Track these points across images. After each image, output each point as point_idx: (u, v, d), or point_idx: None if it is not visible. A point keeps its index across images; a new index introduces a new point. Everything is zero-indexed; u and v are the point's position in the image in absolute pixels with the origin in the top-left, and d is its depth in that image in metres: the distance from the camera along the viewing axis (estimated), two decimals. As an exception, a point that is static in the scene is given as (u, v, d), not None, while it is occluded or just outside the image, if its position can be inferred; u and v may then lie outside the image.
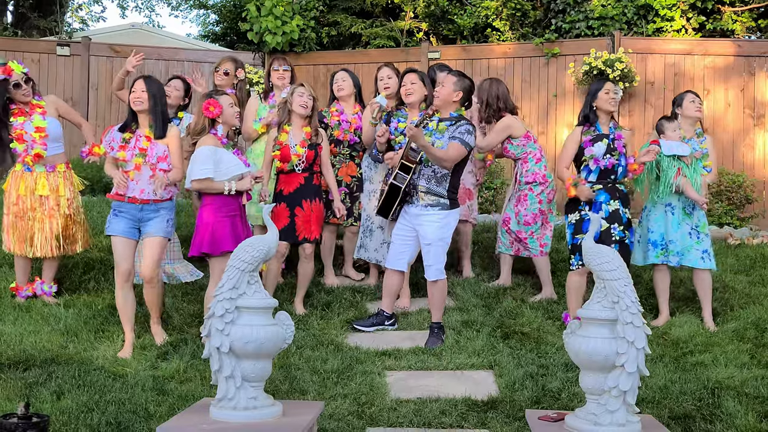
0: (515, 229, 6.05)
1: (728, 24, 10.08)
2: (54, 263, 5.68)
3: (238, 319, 3.37)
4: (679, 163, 5.40)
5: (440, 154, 4.97)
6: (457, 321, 5.42)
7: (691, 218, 5.45)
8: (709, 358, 4.80)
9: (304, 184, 5.53)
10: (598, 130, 5.31)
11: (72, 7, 16.21)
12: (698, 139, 5.63)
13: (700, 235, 5.44)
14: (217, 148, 4.90)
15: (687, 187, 5.37)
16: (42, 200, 5.50)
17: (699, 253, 5.41)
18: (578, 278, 5.26)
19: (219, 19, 17.62)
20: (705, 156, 5.58)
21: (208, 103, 4.89)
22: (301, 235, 5.50)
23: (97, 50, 10.57)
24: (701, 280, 5.48)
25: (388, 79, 6.10)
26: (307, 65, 10.60)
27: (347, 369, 4.62)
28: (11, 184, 5.55)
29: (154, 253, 4.91)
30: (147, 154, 4.87)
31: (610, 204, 5.19)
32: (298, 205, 5.48)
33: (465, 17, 11.11)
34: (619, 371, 3.18)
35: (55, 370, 4.46)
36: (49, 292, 5.61)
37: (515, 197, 6.11)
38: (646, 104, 9.58)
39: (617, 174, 5.27)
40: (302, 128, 5.55)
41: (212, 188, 4.89)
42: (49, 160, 5.54)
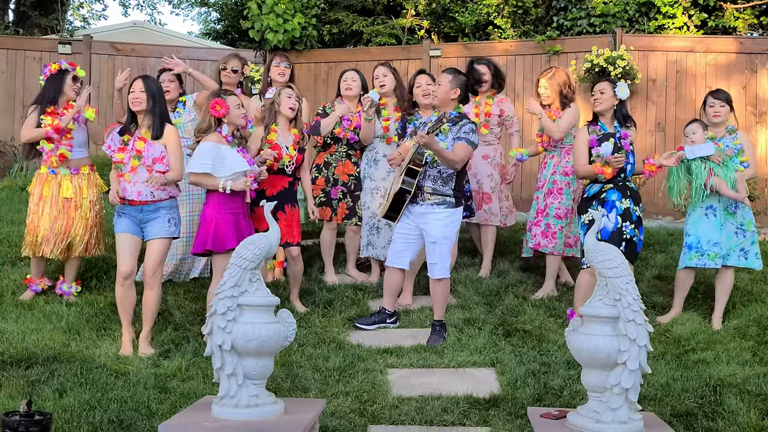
0: (545, 222, 5.94)
1: (730, 21, 10.05)
2: (75, 263, 5.69)
3: (240, 317, 3.37)
4: (710, 164, 5.34)
5: (451, 156, 4.98)
6: (459, 318, 5.42)
7: (735, 217, 5.40)
8: (711, 355, 4.80)
9: (287, 188, 5.57)
10: (604, 129, 5.29)
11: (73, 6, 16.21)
12: (730, 136, 5.54)
13: (747, 233, 5.40)
14: (220, 145, 4.91)
15: (721, 187, 5.29)
16: (65, 202, 5.52)
17: (737, 253, 5.38)
18: (589, 277, 5.20)
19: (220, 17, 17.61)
20: (740, 152, 5.46)
21: (215, 102, 4.90)
22: (284, 239, 5.50)
23: (99, 48, 10.56)
24: (723, 278, 5.44)
25: (383, 77, 6.15)
26: (308, 63, 10.59)
27: (349, 367, 4.63)
28: (36, 186, 5.60)
29: (156, 254, 4.90)
30: (142, 155, 4.84)
31: (622, 202, 5.17)
32: (280, 209, 5.48)
33: (466, 15, 11.09)
34: (621, 369, 3.18)
35: (57, 368, 4.46)
36: (69, 292, 5.62)
37: (545, 190, 5.98)
38: (648, 102, 9.57)
39: (626, 172, 5.27)
40: (290, 130, 5.57)
41: (208, 184, 4.90)
42: (74, 163, 5.58)
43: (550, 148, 6.10)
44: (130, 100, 4.90)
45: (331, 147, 6.24)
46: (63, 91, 5.58)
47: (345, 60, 10.23)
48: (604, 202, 5.18)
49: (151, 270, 4.90)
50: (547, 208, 5.96)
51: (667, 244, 7.02)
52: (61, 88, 5.58)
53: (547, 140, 6.08)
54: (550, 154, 6.09)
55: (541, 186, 6.06)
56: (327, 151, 6.26)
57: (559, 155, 6.02)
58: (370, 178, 6.18)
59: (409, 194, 5.07)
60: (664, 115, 9.46)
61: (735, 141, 5.52)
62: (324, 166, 6.22)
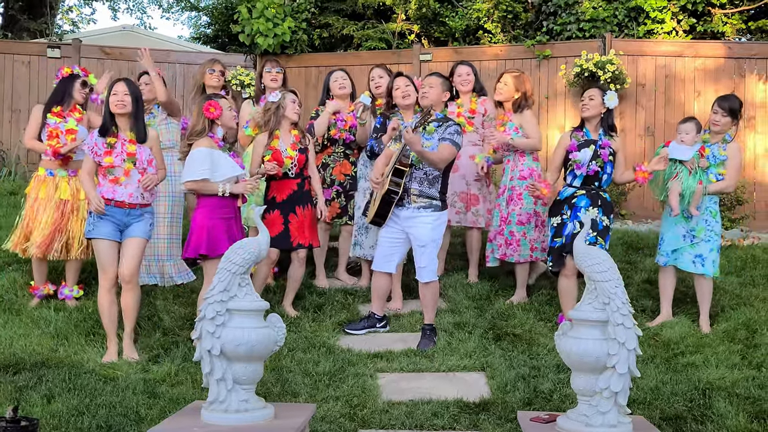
0: (508, 230, 5.89)
1: (719, 26, 10.12)
2: (75, 266, 5.68)
3: (229, 322, 3.36)
4: (680, 167, 5.37)
5: (434, 156, 5.00)
6: (449, 323, 5.42)
7: (687, 222, 5.42)
8: (700, 359, 4.82)
9: (296, 191, 5.53)
10: (587, 135, 5.32)
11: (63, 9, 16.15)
12: (721, 145, 5.50)
13: (695, 239, 5.40)
14: (213, 149, 4.89)
15: (671, 192, 5.35)
16: (62, 204, 5.53)
17: (691, 257, 5.40)
18: (566, 281, 5.26)
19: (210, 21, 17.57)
20: (720, 163, 5.44)
21: (209, 104, 4.90)
22: (296, 242, 5.50)
23: (88, 52, 10.52)
24: (699, 284, 5.46)
25: (379, 78, 6.18)
26: (298, 67, 10.59)
27: (339, 371, 4.62)
28: (33, 188, 5.61)
29: (135, 254, 4.86)
30: (137, 159, 4.84)
31: (589, 210, 5.20)
32: (291, 211, 5.47)
33: (456, 19, 11.12)
34: (611, 372, 3.19)
35: (45, 374, 4.44)
36: (70, 296, 5.60)
37: (506, 197, 5.94)
38: (638, 106, 9.61)
39: (601, 181, 5.29)
40: (290, 132, 5.56)
41: (207, 189, 4.88)
42: (72, 165, 5.60)
43: (505, 153, 6.03)
44: (112, 103, 4.83)
45: (329, 148, 6.25)
46: (71, 95, 5.67)
47: (335, 64, 10.16)
48: (573, 207, 5.23)
49: (131, 270, 4.85)
50: (509, 215, 5.91)
51: (655, 248, 7.02)
52: (70, 91, 5.67)
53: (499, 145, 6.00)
54: (506, 159, 6.04)
55: (502, 193, 6.01)
56: (324, 152, 6.27)
57: (514, 159, 5.97)
58: (365, 178, 6.19)
59: (396, 195, 5.06)
60: (654, 119, 9.52)
61: (722, 152, 5.47)
62: (322, 167, 6.23)
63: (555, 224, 5.27)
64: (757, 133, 9.26)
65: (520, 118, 5.94)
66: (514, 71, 6.13)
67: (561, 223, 5.24)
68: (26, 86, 10.35)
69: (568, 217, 5.24)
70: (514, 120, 5.93)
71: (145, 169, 4.85)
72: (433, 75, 5.41)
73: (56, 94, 5.69)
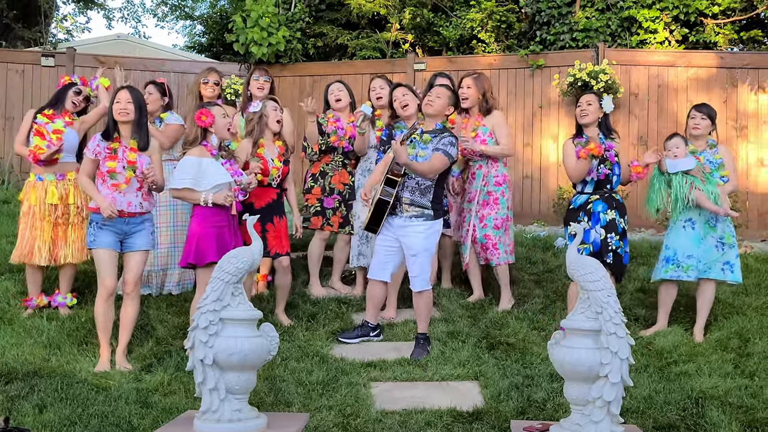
0: (482, 234, 5.94)
1: (711, 36, 10.19)
2: (69, 272, 5.67)
3: (222, 331, 3.35)
4: (691, 177, 5.38)
5: (423, 167, 5.01)
6: (443, 332, 5.42)
7: (715, 230, 5.42)
8: (693, 368, 4.82)
9: (275, 200, 5.56)
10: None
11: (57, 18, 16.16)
12: (711, 150, 5.58)
13: (725, 247, 5.42)
14: (202, 158, 4.89)
15: (702, 200, 5.33)
16: (52, 209, 5.52)
17: (720, 265, 5.41)
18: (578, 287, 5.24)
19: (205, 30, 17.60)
20: (720, 166, 5.52)
21: (200, 113, 4.90)
22: (273, 250, 5.51)
23: (82, 61, 10.53)
24: (704, 291, 5.46)
25: (380, 89, 6.20)
26: (293, 76, 10.62)
27: (332, 380, 4.61)
28: (25, 194, 5.62)
29: (138, 266, 4.88)
30: (137, 167, 4.84)
31: (607, 213, 5.21)
32: (269, 221, 5.49)
33: (450, 29, 11.17)
34: (603, 381, 3.19)
35: (38, 383, 4.41)
36: (63, 304, 5.59)
37: (479, 202, 5.97)
38: (631, 115, 9.65)
39: (612, 183, 5.31)
40: (274, 142, 5.57)
41: (191, 198, 4.90)
42: (59, 168, 5.59)
43: (475, 158, 6.04)
44: (116, 111, 4.84)
45: (326, 157, 6.25)
46: (63, 101, 5.73)
47: (330, 73, 10.25)
48: (591, 213, 5.22)
49: (132, 282, 4.86)
50: (485, 218, 5.96)
51: (649, 257, 7.07)
52: (62, 98, 5.73)
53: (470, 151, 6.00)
54: (477, 164, 6.05)
55: (474, 197, 6.01)
56: (323, 160, 6.27)
57: (487, 165, 6.01)
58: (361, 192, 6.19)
59: (388, 205, 5.07)
60: (647, 128, 9.56)
61: (716, 155, 5.57)
62: (320, 175, 6.23)
63: (573, 232, 5.22)
64: (749, 143, 9.31)
65: (491, 121, 6.01)
66: (471, 73, 6.18)
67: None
68: (20, 95, 10.35)
69: (587, 223, 5.22)
70: (486, 123, 5.98)
71: (144, 179, 4.85)
72: (444, 87, 5.36)
73: (51, 100, 5.80)
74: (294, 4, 11.21)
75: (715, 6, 10.11)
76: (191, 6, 20.85)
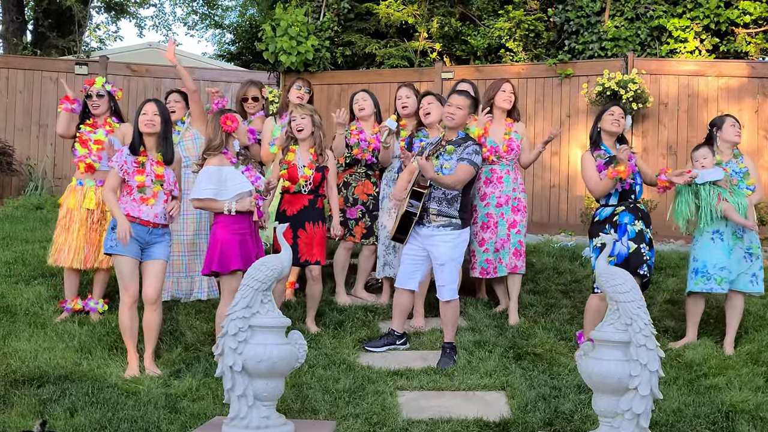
0: (517, 240, 5.93)
1: (742, 46, 10.08)
2: (103, 277, 5.75)
3: (251, 338, 3.38)
4: (719, 189, 5.33)
5: (449, 180, 5.01)
6: (470, 341, 5.41)
7: (742, 241, 5.37)
8: (723, 381, 4.76)
9: (307, 206, 5.53)
10: (608, 153, 5.29)
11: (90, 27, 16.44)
12: (735, 160, 5.54)
13: (752, 258, 5.38)
14: (222, 167, 4.92)
15: (730, 212, 5.28)
16: (88, 213, 5.62)
17: (748, 277, 5.37)
18: (598, 302, 5.18)
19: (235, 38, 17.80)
20: (746, 175, 5.48)
21: (225, 117, 4.94)
22: (303, 257, 5.50)
23: (115, 69, 10.71)
24: (734, 303, 5.40)
25: (406, 98, 6.21)
26: (321, 85, 10.68)
27: (359, 388, 4.62)
28: (65, 198, 5.73)
29: (159, 276, 4.91)
30: (164, 180, 4.91)
31: (635, 224, 5.15)
32: (301, 227, 5.48)
33: (478, 38, 11.17)
34: (633, 394, 3.17)
35: (69, 387, 4.48)
36: (94, 309, 5.67)
37: (510, 207, 5.94)
38: (660, 125, 9.58)
39: (636, 193, 5.27)
40: (308, 150, 5.58)
41: (213, 207, 4.93)
42: (100, 176, 5.64)
43: (503, 162, 5.98)
44: (142, 122, 4.89)
45: (351, 168, 6.28)
46: (90, 114, 5.77)
47: (358, 82, 10.31)
48: (617, 225, 5.15)
49: (156, 291, 4.90)
50: (517, 224, 5.96)
51: (678, 268, 6.99)
52: (87, 112, 5.78)
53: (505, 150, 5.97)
54: (504, 169, 6.00)
55: (504, 202, 5.96)
56: (347, 171, 6.31)
57: (514, 170, 6.01)
58: (389, 198, 6.20)
59: (415, 216, 5.08)
60: (676, 138, 9.47)
61: (740, 164, 5.52)
62: (344, 186, 6.26)
63: (599, 245, 5.19)
64: (781, 153, 9.19)
65: (522, 131, 6.09)
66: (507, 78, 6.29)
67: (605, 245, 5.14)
68: (54, 102, 10.51)
69: (614, 235, 5.15)
70: (518, 131, 6.04)
71: (171, 191, 4.92)
72: (462, 95, 5.32)
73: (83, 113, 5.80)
74: (323, 14, 11.29)
75: (747, 15, 10.01)
76: (221, 15, 21.11)
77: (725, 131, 5.57)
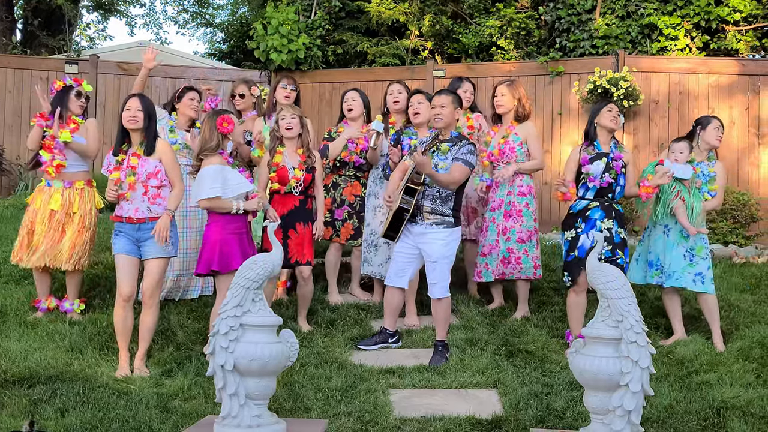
0: (505, 247, 5.88)
1: (732, 43, 10.12)
2: (75, 279, 5.71)
3: (242, 337, 3.37)
4: (680, 186, 5.40)
5: (445, 178, 5.01)
6: (462, 339, 5.41)
7: (687, 240, 5.42)
8: (714, 377, 4.78)
9: (298, 207, 5.52)
10: (598, 149, 5.32)
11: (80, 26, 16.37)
12: (708, 163, 5.58)
13: (695, 258, 5.41)
14: (223, 166, 4.93)
15: (679, 212, 5.36)
16: (52, 214, 5.56)
17: (692, 276, 5.39)
18: (575, 297, 5.24)
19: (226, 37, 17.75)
20: (711, 180, 5.53)
21: (222, 119, 4.94)
22: (293, 258, 5.49)
23: (105, 68, 10.66)
24: (704, 302, 5.45)
25: (398, 94, 6.22)
26: (312, 83, 10.67)
27: (351, 387, 4.62)
28: (33, 199, 5.68)
29: (155, 274, 4.88)
30: (137, 171, 4.85)
31: (604, 222, 5.18)
32: (291, 227, 5.47)
33: (470, 36, 11.18)
34: (624, 391, 3.17)
35: (60, 387, 4.46)
36: (71, 309, 5.64)
37: (502, 212, 5.90)
38: (651, 123, 9.60)
39: (615, 193, 5.28)
40: (296, 150, 5.56)
41: (221, 207, 4.91)
42: (68, 176, 5.62)
43: (501, 164, 5.98)
44: (125, 118, 4.87)
45: (340, 170, 6.27)
46: (67, 107, 5.68)
47: (349, 80, 10.30)
48: (587, 219, 5.20)
49: (149, 290, 4.89)
50: (508, 231, 5.89)
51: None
52: (66, 104, 5.67)
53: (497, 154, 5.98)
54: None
55: (497, 207, 5.95)
56: (336, 172, 6.30)
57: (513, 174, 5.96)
58: (375, 195, 6.20)
59: (407, 213, 5.08)
60: (667, 135, 9.49)
61: (710, 168, 5.56)
62: (332, 186, 6.25)
63: (569, 238, 5.25)
64: (771, 150, 9.22)
65: (524, 131, 5.98)
66: (505, 81, 6.14)
67: (575, 237, 5.22)
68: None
69: (582, 230, 5.22)
70: (519, 132, 5.96)
71: (146, 183, 4.85)
72: (443, 93, 5.34)
73: (53, 108, 5.59)
74: (314, 12, 11.28)
75: (737, 13, 10.05)
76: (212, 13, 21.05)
77: (708, 132, 5.60)
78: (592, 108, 5.57)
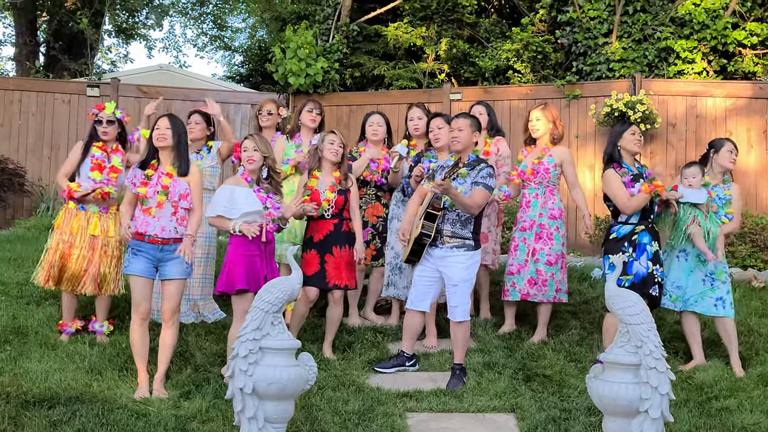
0: (534, 269, 5.88)
1: (749, 66, 10.11)
2: (105, 302, 5.75)
3: (261, 360, 3.40)
4: (696, 211, 5.38)
5: (468, 201, 5.04)
6: (479, 362, 5.40)
7: (705, 265, 5.39)
8: (734, 403, 4.74)
9: (333, 231, 5.52)
10: (630, 170, 5.29)
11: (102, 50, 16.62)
12: (723, 186, 5.57)
13: (715, 282, 5.38)
14: (235, 186, 4.99)
15: (696, 237, 5.32)
16: (92, 240, 5.62)
17: (712, 301, 5.36)
18: (615, 320, 5.17)
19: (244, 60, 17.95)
20: (727, 203, 5.51)
21: (238, 145, 5.13)
22: (332, 282, 5.48)
23: (126, 91, 10.81)
24: (722, 326, 5.42)
25: (418, 120, 6.29)
26: (330, 106, 10.74)
27: (368, 410, 4.61)
28: (64, 221, 5.68)
29: (175, 295, 4.91)
30: (169, 191, 4.91)
31: (652, 245, 5.16)
32: (328, 252, 5.47)
33: (486, 59, 11.25)
34: (643, 417, 3.16)
35: (79, 409, 4.48)
36: (100, 331, 5.69)
37: (533, 233, 5.90)
38: (668, 145, 9.59)
39: (654, 214, 5.29)
40: (331, 173, 5.59)
41: (222, 225, 5.01)
42: (104, 202, 5.68)
43: (532, 185, 5.99)
44: (155, 136, 4.95)
45: (360, 190, 6.31)
46: (98, 137, 5.76)
47: (366, 103, 10.38)
48: (636, 245, 5.15)
49: (170, 311, 4.91)
50: (537, 253, 5.88)
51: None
52: (96, 134, 5.77)
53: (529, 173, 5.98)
54: (533, 193, 6.00)
55: (528, 227, 5.95)
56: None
57: (544, 195, 5.95)
58: (398, 218, 6.23)
59: (429, 238, 5.10)
60: (684, 158, 9.46)
61: (725, 191, 5.53)
62: None
63: (614, 263, 5.17)
64: (790, 173, 9.18)
65: (560, 154, 5.99)
66: (539, 105, 6.18)
67: (626, 263, 5.11)
68: (66, 124, 10.64)
69: (631, 255, 5.12)
70: (554, 155, 5.97)
71: (177, 203, 4.91)
72: (461, 116, 5.39)
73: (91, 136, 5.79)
74: (332, 36, 11.39)
75: (754, 36, 10.05)
76: (230, 37, 21.32)
77: (721, 155, 5.58)
78: (612, 131, 5.57)
